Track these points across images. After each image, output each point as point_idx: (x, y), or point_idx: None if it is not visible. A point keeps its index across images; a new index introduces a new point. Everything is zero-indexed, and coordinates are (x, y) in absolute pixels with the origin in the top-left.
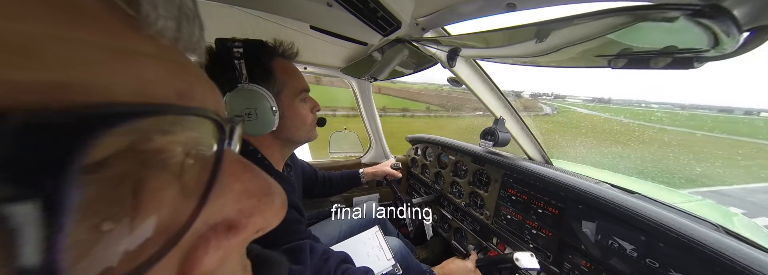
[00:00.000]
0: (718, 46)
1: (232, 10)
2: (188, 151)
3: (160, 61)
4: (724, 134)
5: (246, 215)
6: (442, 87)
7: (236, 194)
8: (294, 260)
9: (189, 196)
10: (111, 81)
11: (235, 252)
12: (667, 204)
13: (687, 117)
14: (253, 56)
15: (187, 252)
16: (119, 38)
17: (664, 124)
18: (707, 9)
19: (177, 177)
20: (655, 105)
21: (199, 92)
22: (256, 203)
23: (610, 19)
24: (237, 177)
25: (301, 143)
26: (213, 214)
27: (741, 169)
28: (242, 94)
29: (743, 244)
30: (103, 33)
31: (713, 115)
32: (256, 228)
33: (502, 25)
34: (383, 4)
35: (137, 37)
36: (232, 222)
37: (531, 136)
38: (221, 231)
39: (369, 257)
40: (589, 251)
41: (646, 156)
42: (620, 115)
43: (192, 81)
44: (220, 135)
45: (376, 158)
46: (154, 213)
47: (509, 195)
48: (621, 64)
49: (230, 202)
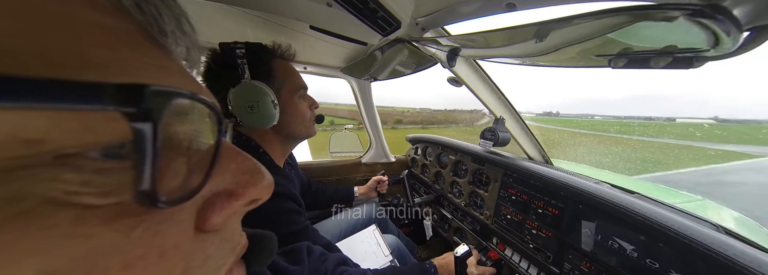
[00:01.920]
0: (718, 45)
1: (232, 10)
2: (199, 136)
3: (181, 73)
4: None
5: (242, 186)
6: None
7: (232, 171)
8: (291, 261)
9: (198, 170)
10: (155, 82)
11: (235, 215)
12: (667, 204)
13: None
14: (255, 56)
15: (198, 211)
16: (158, 59)
17: (597, 130)
18: (707, 9)
19: (192, 153)
20: (598, 116)
21: (204, 94)
22: (249, 178)
23: (610, 19)
24: (232, 158)
25: (301, 139)
26: (216, 185)
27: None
28: (246, 89)
29: (743, 244)
30: (150, 56)
31: (639, 122)
32: (250, 198)
33: (502, 25)
34: (383, 4)
35: (168, 58)
36: (232, 191)
37: (531, 135)
38: (223, 197)
39: (367, 254)
40: (588, 251)
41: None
42: (550, 124)
43: (198, 86)
44: (218, 126)
45: (376, 158)
46: (190, 170)
47: (509, 195)
48: (621, 64)
49: (229, 176)
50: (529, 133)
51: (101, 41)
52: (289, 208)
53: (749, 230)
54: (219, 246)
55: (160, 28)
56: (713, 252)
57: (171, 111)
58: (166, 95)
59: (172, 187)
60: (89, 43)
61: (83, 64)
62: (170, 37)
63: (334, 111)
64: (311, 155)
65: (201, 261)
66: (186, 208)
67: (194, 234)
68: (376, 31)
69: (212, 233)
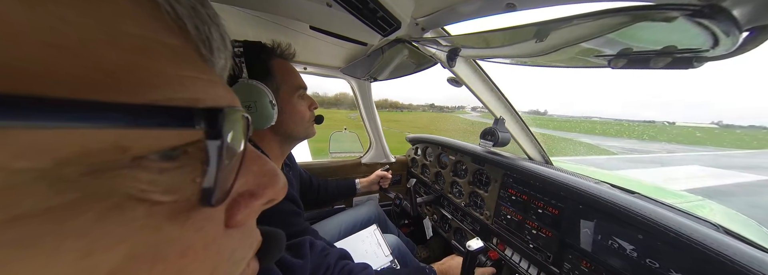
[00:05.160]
0: (717, 45)
1: (232, 10)
2: (238, 143)
3: (221, 85)
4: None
5: (262, 187)
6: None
7: (254, 173)
8: (295, 255)
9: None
10: (209, 97)
11: (255, 212)
12: (667, 204)
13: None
14: (253, 55)
15: (227, 208)
16: (208, 74)
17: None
18: (707, 9)
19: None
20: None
21: (236, 101)
22: (267, 180)
23: (610, 19)
24: (254, 161)
25: (300, 139)
26: (241, 186)
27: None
28: (243, 88)
29: (743, 244)
30: (204, 73)
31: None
32: (268, 198)
33: (502, 25)
34: (383, 4)
35: (213, 72)
36: (253, 191)
37: (531, 135)
38: (247, 197)
39: (367, 253)
40: (588, 251)
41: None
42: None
43: (233, 94)
44: (247, 128)
45: (376, 158)
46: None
47: (509, 195)
48: (621, 64)
49: (251, 179)
50: (529, 134)
51: (171, 61)
52: (288, 210)
53: (749, 230)
54: (241, 241)
55: (210, 46)
56: (713, 252)
57: (230, 125)
58: (230, 113)
59: (224, 189)
60: (165, 64)
61: (162, 84)
62: (216, 53)
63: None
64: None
65: (229, 253)
66: (220, 207)
67: (224, 230)
68: (376, 31)
69: (237, 229)
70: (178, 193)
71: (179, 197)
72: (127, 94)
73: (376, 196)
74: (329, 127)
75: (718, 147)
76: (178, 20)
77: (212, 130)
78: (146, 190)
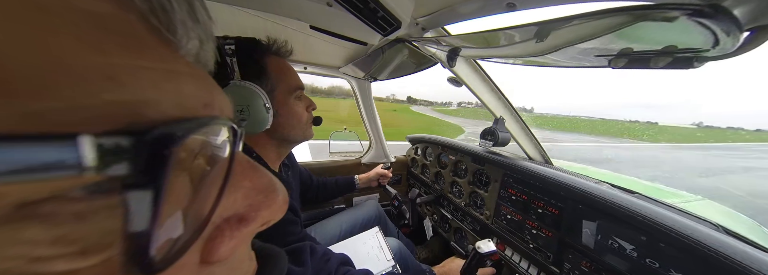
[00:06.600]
0: (718, 45)
1: (231, 9)
2: (210, 154)
3: (191, 77)
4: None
5: (254, 209)
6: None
7: (245, 190)
8: (295, 261)
9: (208, 192)
10: (164, 98)
11: (244, 242)
12: (667, 204)
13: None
14: (245, 53)
15: (206, 241)
16: (165, 61)
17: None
18: (707, 9)
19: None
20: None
21: (218, 101)
22: (263, 198)
23: (610, 19)
24: (245, 175)
25: (297, 142)
26: (227, 209)
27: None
28: (234, 91)
29: (743, 244)
30: (155, 58)
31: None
32: (263, 221)
33: (502, 25)
34: (383, 4)
35: (176, 57)
36: (243, 215)
37: (531, 135)
38: (234, 223)
39: (369, 257)
40: (588, 251)
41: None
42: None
43: (212, 91)
44: (233, 138)
45: (376, 158)
46: (192, 206)
47: (509, 195)
48: (621, 64)
49: (241, 198)
50: (529, 133)
51: (90, 41)
52: (285, 219)
53: (749, 230)
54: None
55: (168, 18)
56: (713, 252)
57: (182, 144)
58: (178, 135)
59: (198, 219)
60: (72, 46)
61: (65, 81)
62: (180, 29)
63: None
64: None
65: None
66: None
67: (198, 269)
68: (376, 31)
69: (218, 264)
70: (111, 247)
71: (113, 253)
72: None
73: (376, 196)
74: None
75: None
76: None
77: (154, 162)
78: (46, 257)
